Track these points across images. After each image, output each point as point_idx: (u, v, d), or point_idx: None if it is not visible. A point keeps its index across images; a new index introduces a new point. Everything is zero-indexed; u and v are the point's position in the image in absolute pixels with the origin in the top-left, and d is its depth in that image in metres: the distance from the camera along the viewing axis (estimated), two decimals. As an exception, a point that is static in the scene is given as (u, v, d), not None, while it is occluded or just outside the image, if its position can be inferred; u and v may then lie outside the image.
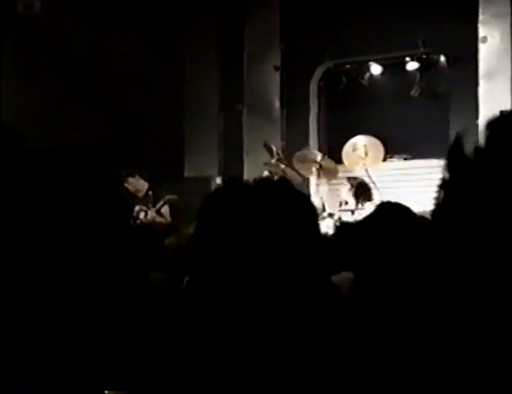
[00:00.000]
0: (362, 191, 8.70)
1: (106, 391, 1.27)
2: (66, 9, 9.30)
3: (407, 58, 9.98)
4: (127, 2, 9.69)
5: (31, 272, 1.21)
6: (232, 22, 10.75)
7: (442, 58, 9.89)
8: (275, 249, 1.59)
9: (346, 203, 8.66)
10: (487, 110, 9.03)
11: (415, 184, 9.63)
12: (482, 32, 9.39)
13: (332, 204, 8.71)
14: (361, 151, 9.67)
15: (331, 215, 8.29)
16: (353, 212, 8.53)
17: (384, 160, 9.99)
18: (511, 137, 0.96)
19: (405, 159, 10.19)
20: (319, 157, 9.11)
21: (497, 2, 9.25)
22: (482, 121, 8.97)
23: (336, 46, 10.25)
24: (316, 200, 8.29)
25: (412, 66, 9.98)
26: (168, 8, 10.23)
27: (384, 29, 9.77)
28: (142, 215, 8.67)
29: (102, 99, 9.58)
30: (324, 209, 8.57)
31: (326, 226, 7.97)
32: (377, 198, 8.82)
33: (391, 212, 2.72)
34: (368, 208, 8.14)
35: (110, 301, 1.24)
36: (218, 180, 10.29)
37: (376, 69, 10.32)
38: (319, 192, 8.82)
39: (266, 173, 8.71)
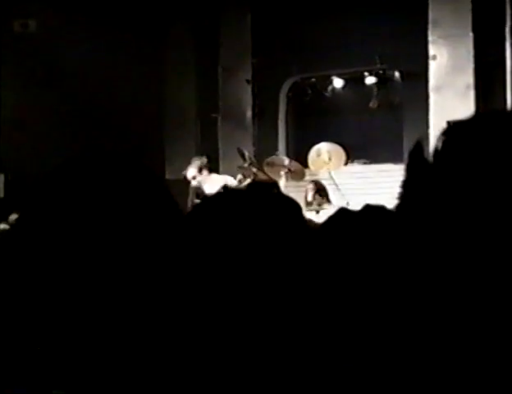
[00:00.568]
0: (323, 193, 8.97)
1: None
2: (58, 26, 9.60)
3: (366, 73, 10.35)
4: (114, 23, 9.90)
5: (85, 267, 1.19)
6: (208, 39, 10.93)
7: (397, 74, 10.25)
8: (270, 247, 1.53)
9: (310, 203, 8.88)
10: (437, 120, 9.24)
11: (373, 185, 9.73)
12: (431, 50, 9.72)
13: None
14: (325, 156, 9.77)
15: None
16: (317, 211, 8.70)
17: (345, 164, 10.06)
18: (463, 142, 0.99)
19: (364, 163, 10.43)
20: (287, 161, 9.27)
21: (444, 24, 9.51)
22: (432, 129, 9.19)
23: (302, 61, 10.51)
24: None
25: (370, 80, 10.34)
26: (150, 29, 10.48)
27: (345, 46, 10.07)
28: None
29: (90, 109, 9.79)
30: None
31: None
32: (339, 198, 9.12)
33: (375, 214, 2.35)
34: (328, 208, 8.47)
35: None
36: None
37: (338, 82, 10.62)
38: (287, 194, 8.80)
39: (239, 176, 8.93)
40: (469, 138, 1.01)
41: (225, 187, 1.99)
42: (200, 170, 8.75)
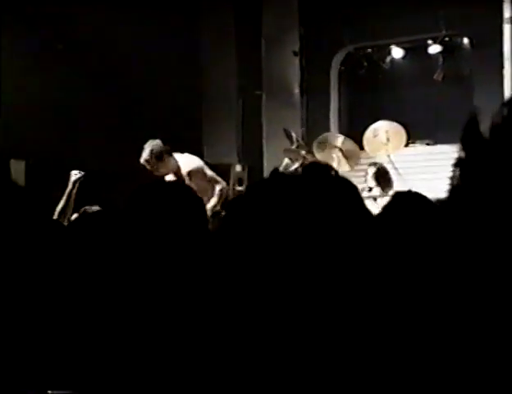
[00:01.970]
0: (385, 178, 8.71)
1: None
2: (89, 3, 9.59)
3: (429, 41, 9.99)
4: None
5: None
6: (250, 6, 10.74)
7: (465, 41, 9.93)
8: (326, 235, 1.54)
9: (370, 189, 8.62)
10: (512, 93, 9.04)
11: (439, 169, 9.29)
12: (506, 12, 9.34)
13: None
14: (383, 137, 9.38)
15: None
16: (375, 199, 8.47)
17: (406, 146, 9.76)
18: None
19: (428, 145, 10.15)
20: (340, 141, 9.10)
21: (522, -19, 9.23)
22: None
23: (356, 29, 10.30)
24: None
25: (434, 49, 9.99)
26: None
27: (405, 11, 9.78)
28: None
29: (120, 88, 9.77)
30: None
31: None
32: (400, 184, 8.79)
33: (407, 203, 2.71)
34: (390, 195, 8.18)
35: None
36: (238, 168, 10.27)
37: (397, 52, 10.38)
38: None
39: (286, 160, 8.80)
40: None
41: (274, 171, 1.70)
42: (160, 155, 7.81)
